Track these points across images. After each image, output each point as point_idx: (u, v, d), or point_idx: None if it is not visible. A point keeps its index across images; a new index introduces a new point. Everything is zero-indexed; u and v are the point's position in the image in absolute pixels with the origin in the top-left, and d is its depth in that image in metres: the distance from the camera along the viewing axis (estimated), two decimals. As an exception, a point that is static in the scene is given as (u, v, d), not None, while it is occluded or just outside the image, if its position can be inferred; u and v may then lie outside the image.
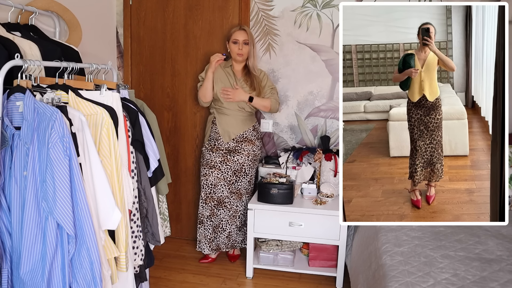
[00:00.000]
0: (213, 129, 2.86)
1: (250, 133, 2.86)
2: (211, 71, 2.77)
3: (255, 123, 2.92)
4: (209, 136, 2.88)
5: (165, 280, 2.73)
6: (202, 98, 2.83)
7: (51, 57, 1.89)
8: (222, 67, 2.84)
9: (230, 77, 2.83)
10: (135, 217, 1.93)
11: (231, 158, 2.82)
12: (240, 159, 2.82)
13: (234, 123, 2.82)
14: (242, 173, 2.85)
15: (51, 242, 1.46)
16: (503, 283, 1.63)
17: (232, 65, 2.86)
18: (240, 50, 2.76)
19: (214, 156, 2.83)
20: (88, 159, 1.59)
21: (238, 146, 2.83)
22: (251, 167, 2.89)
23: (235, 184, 2.86)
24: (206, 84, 2.78)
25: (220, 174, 2.82)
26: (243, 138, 2.83)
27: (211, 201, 2.85)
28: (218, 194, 2.84)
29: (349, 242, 2.65)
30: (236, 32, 2.78)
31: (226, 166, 2.82)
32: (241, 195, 2.89)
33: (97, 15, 2.95)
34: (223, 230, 2.89)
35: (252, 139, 2.86)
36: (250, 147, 2.84)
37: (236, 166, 2.83)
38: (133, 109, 1.94)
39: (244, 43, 2.76)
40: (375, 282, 1.83)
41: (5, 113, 1.55)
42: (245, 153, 2.83)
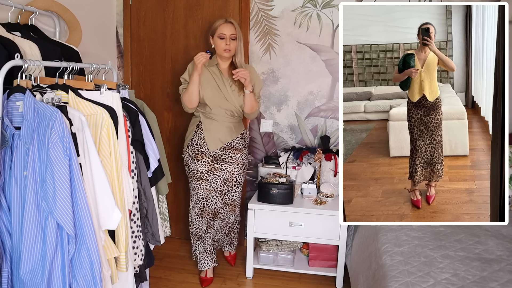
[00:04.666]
0: (197, 134, 2.58)
1: (238, 141, 2.63)
2: (197, 74, 2.42)
3: (243, 131, 2.70)
4: (191, 141, 2.59)
5: (165, 280, 2.73)
6: (187, 104, 2.52)
7: (51, 57, 1.89)
8: (207, 66, 2.53)
9: (216, 77, 2.53)
10: (135, 217, 1.93)
11: (219, 167, 2.59)
12: (229, 168, 2.60)
13: (223, 130, 2.56)
14: (234, 183, 2.65)
15: (51, 242, 1.46)
16: (503, 283, 1.63)
17: (217, 63, 2.56)
18: (227, 45, 2.46)
19: (199, 165, 2.57)
20: (88, 159, 1.59)
21: (226, 154, 2.59)
22: (242, 175, 2.69)
23: (227, 194, 2.65)
24: (192, 88, 2.46)
25: (209, 185, 2.59)
26: (230, 147, 2.60)
27: (207, 214, 2.62)
28: (212, 206, 2.62)
29: (349, 242, 2.65)
30: (222, 25, 2.47)
31: (214, 176, 2.59)
32: (234, 207, 2.71)
33: (97, 15, 2.95)
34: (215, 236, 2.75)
35: (239, 148, 2.64)
36: (238, 155, 2.62)
37: (226, 175, 2.61)
38: (133, 109, 1.94)
39: (231, 38, 2.47)
40: (375, 282, 1.83)
41: (5, 113, 1.55)
42: (234, 161, 2.61)
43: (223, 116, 2.55)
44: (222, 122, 2.56)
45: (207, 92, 2.51)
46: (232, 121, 2.59)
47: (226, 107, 2.53)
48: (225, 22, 2.48)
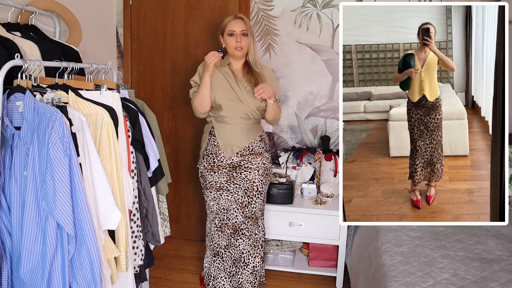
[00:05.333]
0: (211, 142, 2.34)
1: (257, 144, 2.35)
2: (208, 75, 2.21)
3: (262, 132, 2.41)
4: (206, 150, 2.36)
5: (165, 280, 2.73)
6: (199, 109, 2.28)
7: (51, 57, 1.89)
8: (218, 67, 2.32)
9: (229, 77, 2.31)
10: (135, 217, 1.93)
11: (238, 175, 2.32)
12: (249, 175, 2.32)
13: (237, 134, 2.31)
14: (254, 192, 2.35)
15: (51, 242, 1.46)
16: (503, 283, 1.63)
17: (229, 63, 2.35)
18: (238, 43, 2.25)
19: (217, 177, 2.33)
20: (88, 159, 1.60)
21: (244, 160, 2.32)
22: (264, 183, 2.38)
23: (248, 206, 2.35)
24: (203, 91, 2.23)
25: (231, 196, 2.32)
26: (249, 151, 2.32)
27: (227, 228, 2.35)
28: (232, 220, 2.35)
29: (349, 242, 2.65)
30: (231, 22, 2.27)
31: (234, 186, 2.33)
32: (257, 219, 2.39)
33: (97, 15, 2.95)
34: (245, 265, 2.37)
35: (260, 151, 2.36)
36: (258, 159, 2.34)
37: (246, 184, 2.33)
38: (133, 109, 1.94)
39: (242, 34, 2.26)
40: (375, 282, 1.83)
41: (5, 113, 1.55)
42: (254, 167, 2.33)
43: (237, 119, 2.30)
44: (236, 125, 2.30)
45: (219, 93, 2.28)
46: (247, 123, 2.33)
47: (240, 109, 2.29)
48: (234, 18, 2.29)
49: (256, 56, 2.34)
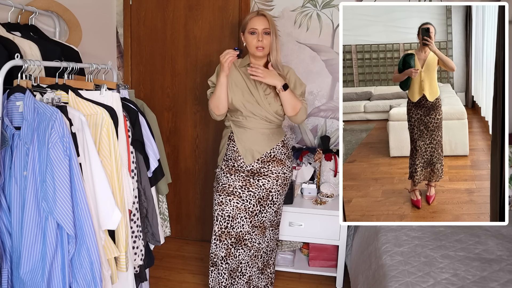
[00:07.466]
0: (230, 147, 2.22)
1: (279, 150, 2.22)
2: (224, 74, 2.09)
3: (284, 138, 2.29)
4: (225, 156, 2.25)
5: (165, 280, 2.73)
6: (215, 110, 2.17)
7: (51, 57, 1.89)
8: (237, 67, 2.20)
9: (248, 79, 2.18)
10: (135, 217, 1.93)
11: (255, 182, 2.19)
12: (267, 184, 2.20)
13: (258, 140, 2.18)
14: (268, 202, 2.23)
15: (51, 242, 1.46)
16: (503, 283, 1.63)
17: (250, 63, 2.20)
18: (260, 42, 2.10)
19: (233, 180, 2.20)
20: (88, 159, 1.60)
21: (264, 167, 2.20)
22: (280, 193, 2.26)
23: (258, 215, 2.23)
24: (219, 92, 2.12)
25: (241, 203, 2.19)
26: (270, 158, 2.21)
27: (228, 238, 2.21)
28: (237, 229, 2.21)
29: (349, 242, 2.65)
30: (254, 19, 2.12)
31: (248, 193, 2.19)
32: (264, 229, 2.27)
33: (97, 15, 2.95)
34: (242, 275, 2.27)
35: (281, 158, 2.23)
36: (279, 168, 2.21)
37: (262, 193, 2.20)
38: (133, 109, 1.94)
39: (264, 33, 2.10)
40: (375, 282, 1.83)
41: (5, 113, 1.55)
42: (273, 176, 2.21)
43: (257, 123, 2.18)
44: (256, 130, 2.18)
45: (236, 96, 2.15)
46: (269, 128, 2.20)
47: (260, 113, 2.16)
48: (256, 15, 2.13)
49: (278, 56, 2.17)
